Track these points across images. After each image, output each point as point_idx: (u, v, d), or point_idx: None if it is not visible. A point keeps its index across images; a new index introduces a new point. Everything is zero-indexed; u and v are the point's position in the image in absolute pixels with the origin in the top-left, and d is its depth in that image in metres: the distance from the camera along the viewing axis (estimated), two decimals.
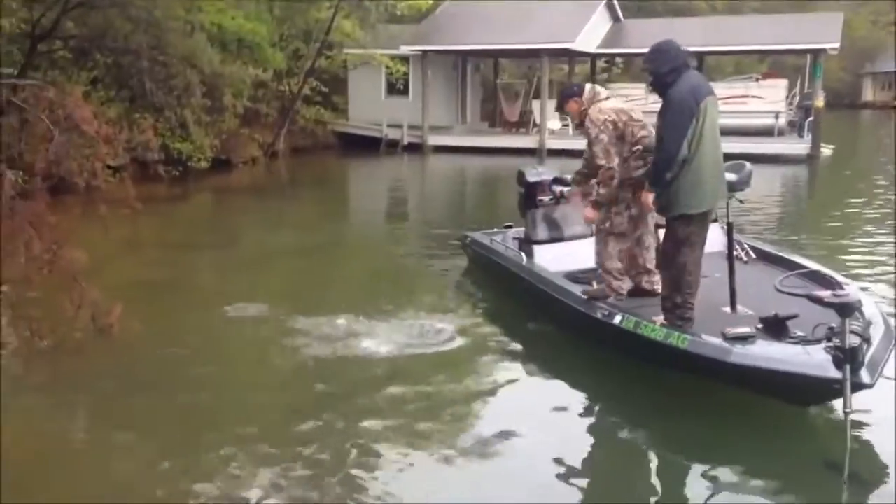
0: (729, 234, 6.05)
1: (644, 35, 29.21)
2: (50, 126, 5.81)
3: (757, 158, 22.18)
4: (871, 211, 14.12)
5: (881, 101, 64.44)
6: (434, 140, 25.66)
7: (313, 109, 26.08)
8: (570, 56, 28.08)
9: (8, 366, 5.97)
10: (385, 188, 19.81)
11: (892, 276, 8.74)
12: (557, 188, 7.92)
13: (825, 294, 4.65)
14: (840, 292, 4.70)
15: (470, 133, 27.68)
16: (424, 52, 25.86)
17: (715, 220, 7.16)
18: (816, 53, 25.44)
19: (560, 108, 6.54)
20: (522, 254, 7.54)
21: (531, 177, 8.69)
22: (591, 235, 7.44)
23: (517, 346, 6.72)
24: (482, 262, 8.61)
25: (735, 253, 7.10)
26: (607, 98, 6.23)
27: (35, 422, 5.25)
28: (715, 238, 7.00)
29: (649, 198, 5.62)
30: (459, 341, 6.65)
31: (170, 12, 15.98)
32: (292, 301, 7.95)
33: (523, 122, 27.32)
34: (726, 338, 5.18)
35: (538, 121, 25.70)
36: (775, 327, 5.26)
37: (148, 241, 11.56)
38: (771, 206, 15.22)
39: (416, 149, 25.42)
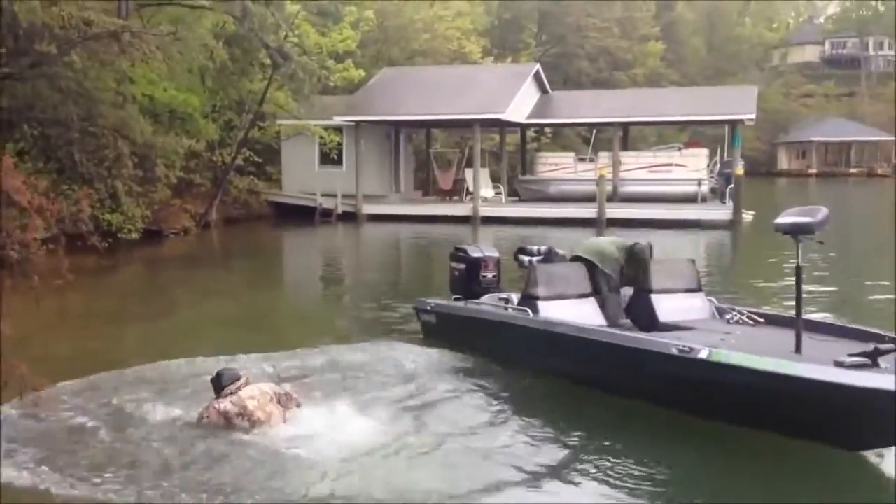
0: (797, 278, 5.73)
1: (571, 105, 30.30)
2: None
3: (681, 224, 23.17)
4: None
5: (796, 170, 67.47)
6: (368, 209, 25.81)
7: (246, 180, 26.04)
8: (501, 126, 28.75)
9: None
10: (319, 258, 19.76)
11: None
12: (525, 258, 7.97)
13: None
14: None
15: (404, 202, 27.94)
16: (357, 122, 26.18)
17: (699, 290, 7.54)
18: (734, 123, 26.65)
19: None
20: (528, 310, 7.29)
21: (474, 253, 8.66)
22: (592, 295, 7.55)
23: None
24: (457, 325, 8.19)
25: (737, 318, 7.17)
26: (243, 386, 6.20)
27: None
28: (702, 307, 7.33)
29: None
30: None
31: (100, 83, 15.90)
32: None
33: (456, 191, 27.74)
34: (843, 365, 5.01)
35: (471, 189, 26.13)
36: (873, 359, 5.10)
37: (77, 313, 11.28)
38: (703, 268, 15.67)
39: (350, 218, 25.51)
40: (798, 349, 5.64)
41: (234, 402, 6.07)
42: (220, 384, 6.24)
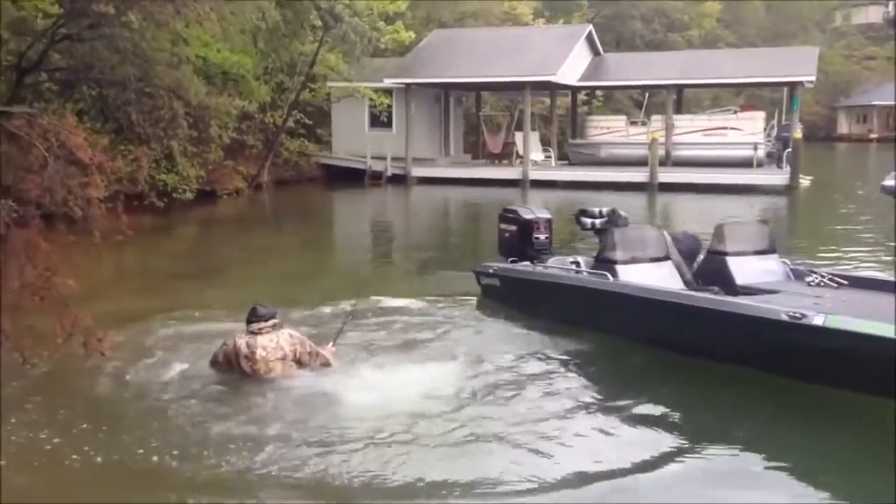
0: None
1: (623, 68, 29.78)
2: (44, 153, 5.84)
3: (736, 189, 22.74)
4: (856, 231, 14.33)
5: (856, 134, 65.53)
6: (418, 172, 25.82)
7: (297, 142, 26.24)
8: (552, 89, 28.43)
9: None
10: (370, 219, 19.88)
11: None
12: (587, 220, 7.87)
13: None
14: None
15: (453, 165, 27.89)
16: (408, 84, 26.10)
17: (774, 252, 7.32)
18: (793, 86, 25.95)
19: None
20: (607, 274, 7.14)
21: (526, 214, 8.53)
22: (668, 258, 7.42)
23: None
24: (526, 289, 8.01)
25: (818, 280, 6.95)
26: (259, 332, 6.27)
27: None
28: (778, 269, 7.13)
29: None
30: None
31: (156, 44, 16.07)
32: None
33: (506, 154, 27.59)
34: None
35: (521, 152, 25.95)
36: None
37: (135, 270, 11.57)
38: None
39: (399, 180, 25.55)
40: None
41: (249, 343, 6.22)
42: (252, 317, 6.35)
